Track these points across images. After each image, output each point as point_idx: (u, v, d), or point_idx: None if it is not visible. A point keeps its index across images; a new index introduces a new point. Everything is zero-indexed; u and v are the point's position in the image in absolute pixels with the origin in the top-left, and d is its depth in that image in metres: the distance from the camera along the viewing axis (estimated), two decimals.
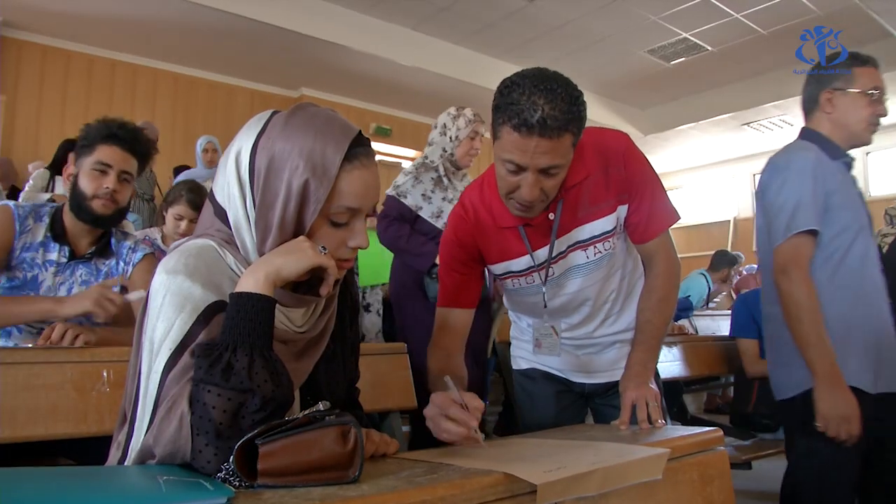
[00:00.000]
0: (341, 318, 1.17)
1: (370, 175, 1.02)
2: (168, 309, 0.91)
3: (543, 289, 1.57)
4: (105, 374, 1.44)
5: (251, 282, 0.90)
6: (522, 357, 1.84)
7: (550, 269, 1.55)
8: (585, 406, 1.82)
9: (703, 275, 6.64)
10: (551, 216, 1.48)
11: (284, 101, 7.88)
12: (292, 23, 6.23)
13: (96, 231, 1.95)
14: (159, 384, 0.89)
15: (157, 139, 4.76)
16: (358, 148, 1.00)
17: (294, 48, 6.65)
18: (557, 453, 1.03)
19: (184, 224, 3.08)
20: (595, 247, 1.53)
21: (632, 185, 1.50)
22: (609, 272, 1.60)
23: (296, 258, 0.94)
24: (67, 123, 6.31)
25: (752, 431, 3.31)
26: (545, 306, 1.61)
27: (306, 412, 0.81)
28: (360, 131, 1.03)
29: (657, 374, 1.64)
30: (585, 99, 1.31)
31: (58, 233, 1.90)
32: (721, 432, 1.16)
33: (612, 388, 1.70)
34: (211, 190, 1.05)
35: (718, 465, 1.12)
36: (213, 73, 7.39)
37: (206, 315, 0.92)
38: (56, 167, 4.88)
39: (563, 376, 1.76)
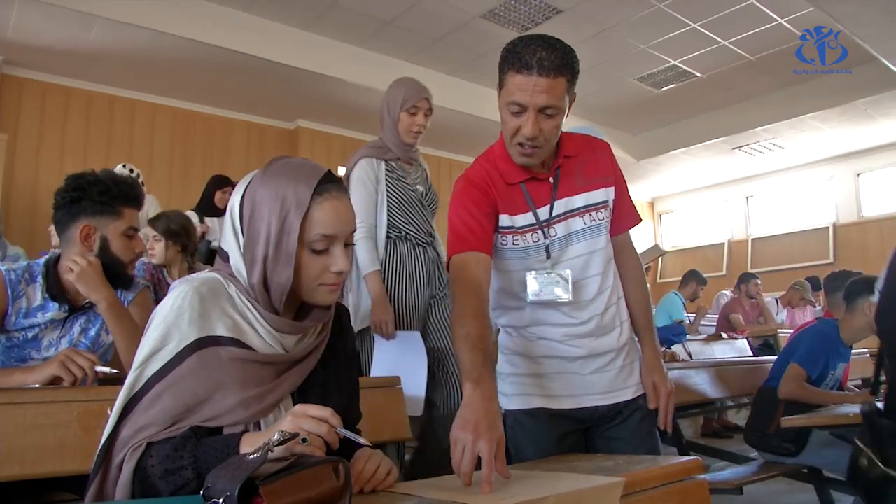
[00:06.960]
0: (336, 355, 1.26)
1: (341, 205, 1.13)
2: (155, 333, 1.08)
3: (546, 242, 1.65)
4: (109, 411, 1.48)
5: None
6: (529, 394, 1.71)
7: (552, 229, 1.66)
8: (584, 440, 1.75)
9: (677, 295, 6.73)
10: (551, 179, 1.66)
11: (281, 133, 7.99)
12: (288, 57, 6.34)
13: None
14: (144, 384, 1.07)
15: None
16: (328, 184, 1.12)
17: (290, 81, 6.76)
18: (517, 484, 1.10)
19: (158, 245, 3.24)
20: (590, 214, 1.69)
21: (615, 173, 1.75)
22: (606, 253, 1.72)
23: None
24: (67, 159, 6.37)
25: (765, 453, 3.25)
26: (548, 257, 1.65)
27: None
28: (330, 171, 1.14)
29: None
30: (576, 123, 1.42)
31: (55, 292, 1.85)
32: (700, 461, 1.21)
33: (615, 417, 1.70)
34: (219, 245, 1.21)
35: (698, 494, 1.17)
36: (210, 107, 7.48)
37: (185, 352, 1.06)
38: (203, 208, 5.17)
39: (570, 407, 1.68)
